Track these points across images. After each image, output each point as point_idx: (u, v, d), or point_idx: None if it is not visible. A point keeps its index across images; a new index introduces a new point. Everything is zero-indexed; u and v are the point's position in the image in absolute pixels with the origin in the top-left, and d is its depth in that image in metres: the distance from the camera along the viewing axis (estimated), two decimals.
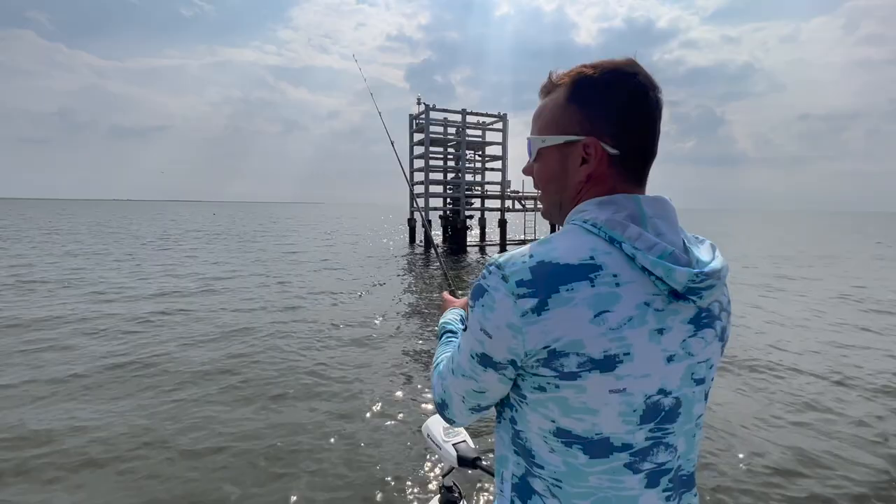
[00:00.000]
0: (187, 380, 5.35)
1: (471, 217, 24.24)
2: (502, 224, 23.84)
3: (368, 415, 4.66)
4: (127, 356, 6.09)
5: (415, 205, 24.21)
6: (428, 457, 3.80)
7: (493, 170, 25.63)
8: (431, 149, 23.32)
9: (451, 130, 23.79)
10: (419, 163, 23.63)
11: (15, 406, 4.59)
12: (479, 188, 25.10)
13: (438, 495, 1.52)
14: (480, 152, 25.53)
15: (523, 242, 24.33)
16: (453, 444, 1.44)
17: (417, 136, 23.63)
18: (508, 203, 24.72)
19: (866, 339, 7.44)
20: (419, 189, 23.16)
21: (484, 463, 1.42)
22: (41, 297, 9.65)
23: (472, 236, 24.86)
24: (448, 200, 24.48)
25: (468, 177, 24.67)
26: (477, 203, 25.01)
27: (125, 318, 8.01)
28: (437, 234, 25.02)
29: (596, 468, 0.74)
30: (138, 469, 3.62)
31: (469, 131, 23.87)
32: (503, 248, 23.00)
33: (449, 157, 24.96)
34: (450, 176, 24.62)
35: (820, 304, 10.24)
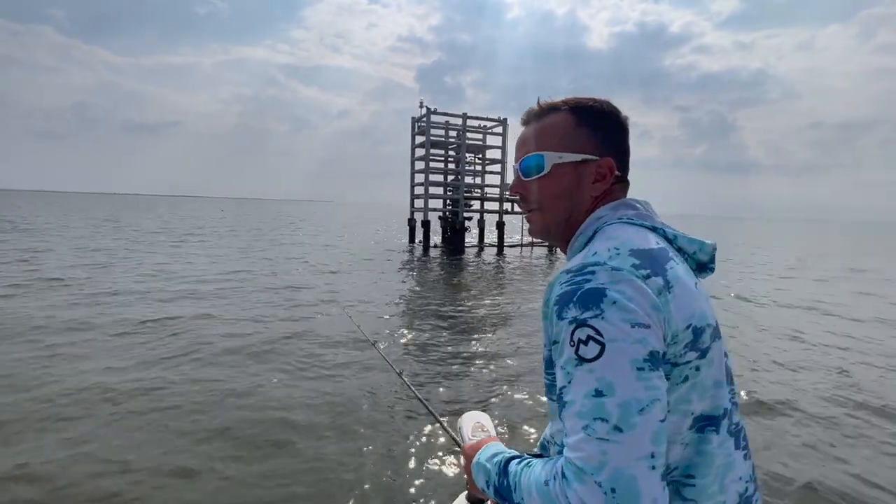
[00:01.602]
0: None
1: (469, 219, 24.75)
2: (500, 226, 24.37)
3: (400, 409, 4.65)
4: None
5: (414, 205, 24.81)
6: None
7: (492, 173, 26.16)
8: (432, 151, 23.89)
9: (453, 134, 24.34)
10: (420, 164, 24.20)
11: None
12: (479, 190, 25.63)
13: (465, 493, 1.45)
14: (480, 155, 26.07)
15: (521, 245, 24.92)
16: (467, 481, 1.37)
17: (419, 139, 24.19)
18: (507, 206, 25.22)
19: None
20: (420, 190, 23.77)
21: None
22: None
23: (471, 237, 25.36)
24: (448, 202, 25.02)
25: (468, 179, 25.21)
26: (476, 205, 25.54)
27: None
28: (437, 236, 25.55)
29: (722, 446, 0.72)
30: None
31: (470, 135, 24.41)
32: (500, 250, 23.54)
33: (450, 159, 25.53)
34: (450, 178, 25.19)
35: None
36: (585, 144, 0.83)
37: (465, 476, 0.96)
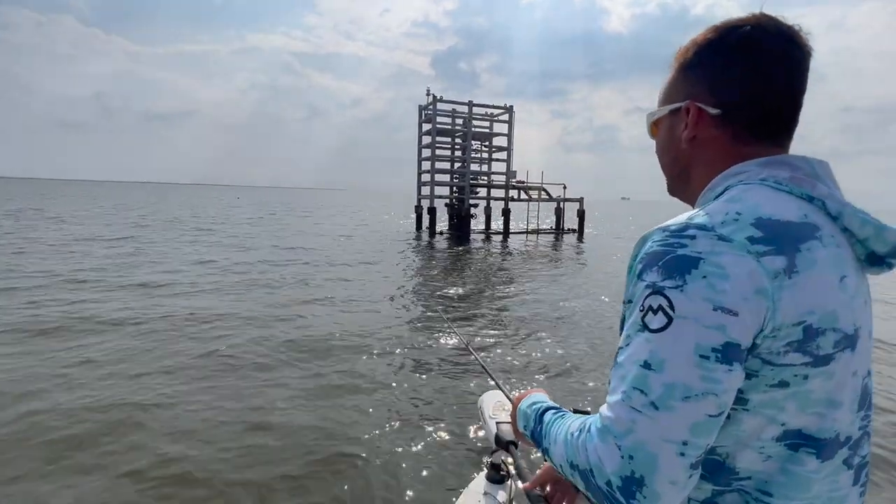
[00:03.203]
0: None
1: (475, 206, 25.04)
2: (506, 213, 24.63)
3: (422, 385, 4.82)
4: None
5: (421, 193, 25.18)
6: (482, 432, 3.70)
7: (498, 160, 26.34)
8: (439, 139, 24.19)
9: (459, 121, 24.57)
10: (427, 152, 24.52)
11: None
12: (486, 178, 25.87)
13: (485, 472, 1.45)
14: (487, 143, 26.26)
15: (527, 232, 25.17)
16: (497, 423, 1.31)
17: (426, 127, 24.46)
18: (514, 193, 25.42)
19: None
20: (426, 178, 24.14)
21: (518, 452, 1.28)
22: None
23: (477, 224, 25.67)
24: (454, 189, 25.33)
25: (474, 167, 25.48)
26: (483, 192, 25.79)
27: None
28: (444, 222, 25.93)
29: (822, 473, 0.62)
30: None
31: (476, 122, 24.60)
32: (506, 237, 23.83)
33: (456, 147, 25.79)
34: (456, 166, 25.49)
35: None
36: (678, 92, 0.75)
37: (511, 421, 0.98)
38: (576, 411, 1.01)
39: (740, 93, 0.68)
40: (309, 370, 5.18)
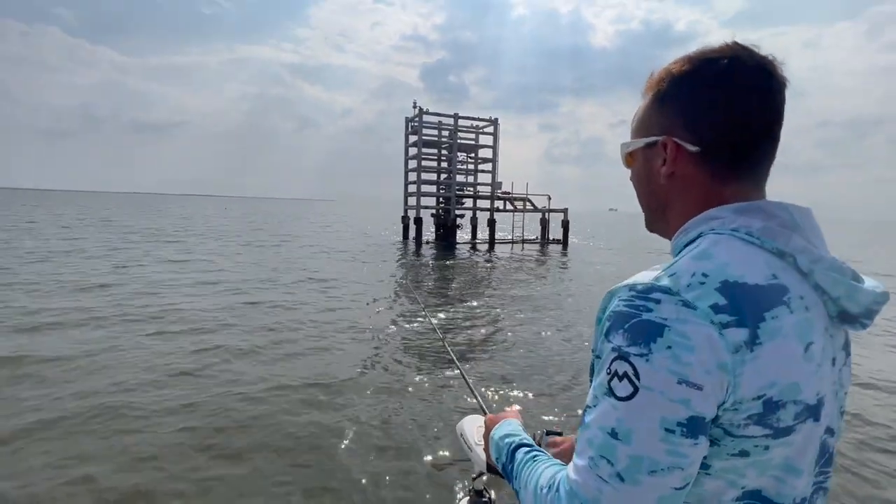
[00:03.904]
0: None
1: (461, 216, 25.09)
2: (491, 223, 24.67)
3: (402, 411, 4.72)
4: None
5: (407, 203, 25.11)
6: (461, 457, 3.61)
7: (484, 171, 26.46)
8: (425, 150, 24.25)
9: (446, 133, 24.65)
10: (414, 163, 24.57)
11: None
12: (471, 189, 25.90)
13: (467, 498, 1.43)
14: (473, 154, 26.34)
15: (512, 241, 25.16)
16: (483, 448, 1.29)
17: (413, 138, 24.58)
18: (499, 204, 25.45)
19: None
20: (413, 188, 24.11)
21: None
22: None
23: (464, 234, 25.64)
24: (440, 200, 25.33)
25: (460, 178, 25.55)
26: (469, 203, 25.84)
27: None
28: (430, 233, 25.88)
29: None
30: None
31: (462, 134, 24.71)
32: (492, 247, 23.77)
33: (442, 158, 25.92)
34: (443, 177, 25.56)
35: None
36: (654, 124, 0.72)
37: (483, 443, 0.96)
38: (549, 433, 1.04)
39: (718, 128, 0.66)
40: (284, 394, 4.99)
